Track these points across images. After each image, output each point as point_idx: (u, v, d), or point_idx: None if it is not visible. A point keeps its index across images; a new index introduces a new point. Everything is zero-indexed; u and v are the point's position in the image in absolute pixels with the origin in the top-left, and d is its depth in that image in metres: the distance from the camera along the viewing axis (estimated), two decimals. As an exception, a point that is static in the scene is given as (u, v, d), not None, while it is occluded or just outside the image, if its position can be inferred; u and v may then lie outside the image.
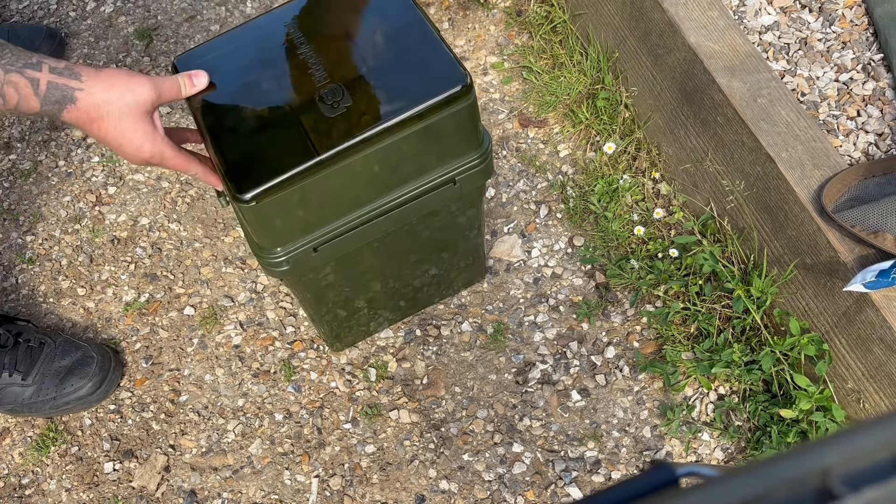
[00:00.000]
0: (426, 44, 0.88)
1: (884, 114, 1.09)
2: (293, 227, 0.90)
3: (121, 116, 0.78)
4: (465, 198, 1.00)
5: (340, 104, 0.85)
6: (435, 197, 0.96)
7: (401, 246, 1.05)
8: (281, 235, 0.90)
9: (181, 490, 1.20)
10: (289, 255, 0.92)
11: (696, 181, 1.25)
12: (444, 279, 1.22)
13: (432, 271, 1.18)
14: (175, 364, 1.31)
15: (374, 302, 1.17)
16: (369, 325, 1.24)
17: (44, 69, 0.75)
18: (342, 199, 0.90)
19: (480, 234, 1.15)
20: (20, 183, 1.54)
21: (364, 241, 0.97)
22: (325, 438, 1.22)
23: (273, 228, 0.89)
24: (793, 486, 0.22)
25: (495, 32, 1.58)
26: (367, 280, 1.11)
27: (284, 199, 0.84)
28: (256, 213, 0.85)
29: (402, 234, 1.02)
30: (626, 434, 1.17)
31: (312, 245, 0.93)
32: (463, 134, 0.91)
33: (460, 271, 1.23)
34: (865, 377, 1.00)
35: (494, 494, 1.15)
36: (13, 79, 0.74)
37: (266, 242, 0.92)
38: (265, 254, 0.93)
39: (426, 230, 1.05)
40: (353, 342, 1.26)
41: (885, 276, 0.89)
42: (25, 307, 1.40)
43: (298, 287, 1.04)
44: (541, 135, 1.46)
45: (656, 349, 1.23)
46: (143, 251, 1.42)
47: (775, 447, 1.07)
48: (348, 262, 1.02)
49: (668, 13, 1.19)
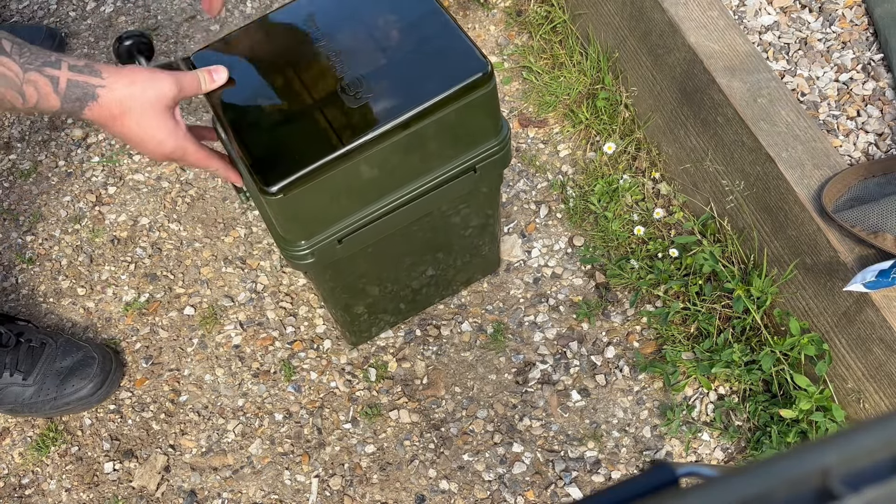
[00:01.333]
0: (445, 32, 0.88)
1: (884, 114, 1.09)
2: (318, 218, 0.90)
3: (143, 111, 0.77)
4: (484, 186, 1.02)
5: (362, 94, 0.85)
6: (456, 185, 0.96)
7: (423, 236, 1.06)
8: (306, 227, 0.91)
9: (181, 490, 1.20)
10: (313, 247, 0.93)
11: (696, 181, 1.25)
12: (464, 268, 1.23)
13: (451, 261, 1.18)
14: (175, 364, 1.31)
15: (396, 293, 1.18)
16: (391, 316, 1.25)
17: (63, 67, 0.75)
18: (366, 190, 0.90)
19: (497, 222, 1.16)
20: (20, 183, 1.54)
21: (387, 231, 0.97)
22: (325, 438, 1.22)
23: (299, 220, 0.89)
24: (793, 486, 0.22)
25: (495, 32, 1.59)
26: (390, 271, 1.11)
27: (310, 191, 0.84)
28: (283, 206, 0.85)
29: (423, 224, 1.03)
30: (626, 434, 1.17)
31: (337, 237, 0.93)
32: (484, 121, 0.91)
33: (478, 260, 1.24)
34: (865, 377, 1.00)
35: (494, 494, 1.15)
36: (32, 77, 0.74)
37: (292, 235, 0.92)
38: (290, 246, 0.93)
39: (446, 219, 1.06)
40: (375, 334, 1.27)
41: (885, 276, 0.89)
42: (25, 307, 1.40)
43: (323, 280, 1.04)
44: (541, 135, 1.46)
45: (656, 349, 1.23)
46: (143, 251, 1.42)
47: (775, 447, 1.07)
48: (373, 253, 1.02)
49: (668, 13, 1.19)
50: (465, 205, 1.05)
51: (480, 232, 1.15)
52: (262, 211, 0.98)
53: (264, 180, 0.82)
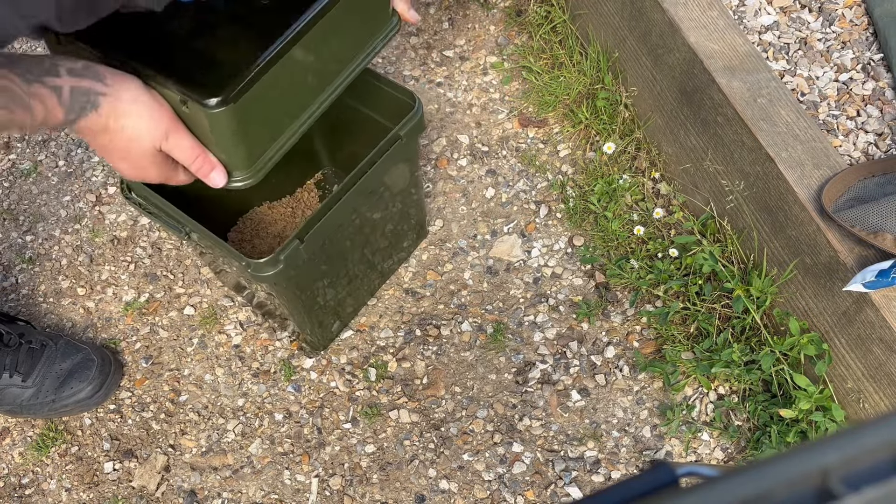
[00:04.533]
0: None
1: (883, 114, 1.09)
2: (262, 132, 0.85)
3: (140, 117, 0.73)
4: (408, 153, 1.10)
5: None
6: (388, 159, 1.04)
7: (370, 217, 1.14)
8: (253, 145, 0.85)
9: (181, 490, 1.20)
10: (279, 258, 0.97)
11: (695, 181, 1.25)
12: (399, 241, 1.30)
13: (391, 238, 1.25)
14: (175, 364, 1.31)
15: (353, 283, 1.23)
16: (349, 311, 1.29)
17: (62, 72, 0.68)
18: (299, 92, 0.88)
19: (420, 188, 1.24)
20: (20, 183, 1.54)
21: (341, 219, 1.03)
22: (325, 438, 1.22)
23: (246, 137, 0.83)
24: (792, 486, 0.22)
25: (495, 32, 1.59)
26: (343, 264, 1.17)
27: (253, 98, 0.78)
28: (231, 119, 0.78)
29: (368, 206, 1.11)
30: (626, 434, 1.17)
31: (297, 235, 0.97)
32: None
33: (410, 232, 1.31)
34: (865, 377, 1.01)
35: (494, 494, 1.15)
36: (36, 90, 0.66)
37: (239, 159, 0.85)
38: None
39: (381, 197, 1.13)
40: (336, 335, 1.29)
41: (884, 275, 0.89)
42: (25, 307, 1.40)
43: (289, 287, 1.07)
44: (541, 135, 1.46)
45: (656, 349, 1.23)
46: (143, 251, 1.42)
47: (775, 447, 1.07)
48: (328, 249, 1.08)
49: (667, 13, 1.19)
50: (398, 169, 1.11)
51: (409, 197, 1.22)
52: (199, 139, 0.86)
53: (208, 93, 0.75)
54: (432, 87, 1.54)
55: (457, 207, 1.40)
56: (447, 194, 1.41)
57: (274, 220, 1.36)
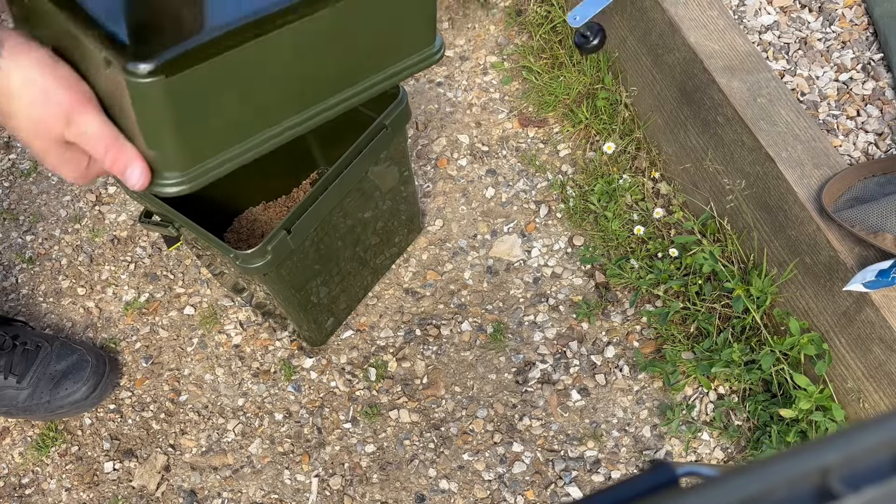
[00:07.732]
0: None
1: (883, 113, 1.09)
2: (211, 128, 0.59)
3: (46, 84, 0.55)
4: (395, 143, 1.10)
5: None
6: (373, 147, 1.04)
7: (355, 212, 1.14)
8: (193, 141, 0.59)
9: (181, 489, 1.20)
10: (265, 253, 0.97)
11: (695, 181, 1.25)
12: (391, 237, 1.30)
13: (382, 233, 1.25)
14: (175, 364, 1.31)
15: (346, 280, 1.23)
16: (343, 308, 1.29)
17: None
18: (280, 92, 0.61)
19: (411, 184, 1.25)
20: (20, 183, 1.54)
21: (326, 211, 1.03)
22: (325, 438, 1.22)
23: (182, 126, 0.57)
24: (792, 486, 0.22)
25: (495, 32, 1.58)
26: (339, 261, 1.17)
27: (204, 78, 0.55)
28: (161, 96, 0.54)
29: (357, 201, 1.10)
30: (626, 433, 1.17)
31: (284, 227, 0.97)
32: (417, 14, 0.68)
33: (402, 228, 1.32)
34: (865, 377, 1.01)
35: (494, 494, 1.15)
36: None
37: (171, 155, 0.59)
38: (163, 181, 0.60)
39: (371, 196, 1.14)
40: (332, 331, 1.29)
41: (884, 275, 0.89)
42: (25, 307, 1.40)
43: (280, 280, 1.07)
44: (541, 134, 1.46)
45: (656, 349, 1.23)
46: (143, 251, 1.42)
47: (775, 447, 1.07)
48: (317, 242, 1.08)
49: (667, 13, 1.19)
50: (386, 163, 1.11)
51: (400, 194, 1.22)
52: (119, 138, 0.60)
53: (135, 54, 0.52)
54: (432, 86, 1.54)
55: (457, 207, 1.40)
56: (447, 194, 1.41)
57: (269, 219, 1.36)
